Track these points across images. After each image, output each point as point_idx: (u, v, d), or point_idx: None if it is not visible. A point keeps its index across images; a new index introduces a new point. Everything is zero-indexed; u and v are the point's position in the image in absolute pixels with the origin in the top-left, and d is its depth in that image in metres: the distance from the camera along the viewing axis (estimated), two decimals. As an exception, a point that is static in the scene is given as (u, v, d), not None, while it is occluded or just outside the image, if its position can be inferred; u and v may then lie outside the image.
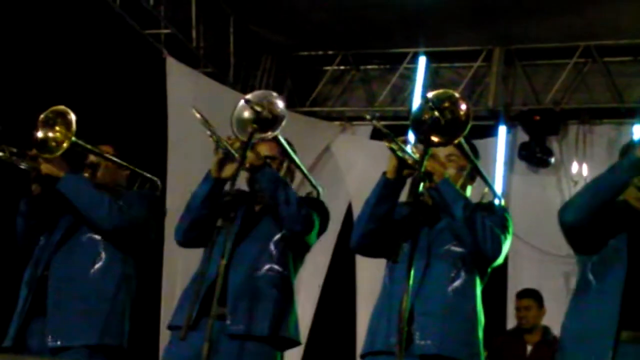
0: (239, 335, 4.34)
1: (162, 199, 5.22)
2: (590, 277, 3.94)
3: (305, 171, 4.94)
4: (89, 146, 4.99)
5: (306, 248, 4.71)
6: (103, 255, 4.90)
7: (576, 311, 4.00)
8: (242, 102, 4.40)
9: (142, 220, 4.97)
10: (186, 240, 4.71)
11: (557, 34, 8.98)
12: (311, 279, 8.63)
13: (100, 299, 4.82)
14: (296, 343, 4.60)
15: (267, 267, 4.49)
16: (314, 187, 4.88)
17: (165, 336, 7.68)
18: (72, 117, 4.80)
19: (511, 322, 8.21)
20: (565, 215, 3.93)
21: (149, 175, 5.24)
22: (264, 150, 4.69)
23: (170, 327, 4.55)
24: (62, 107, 4.86)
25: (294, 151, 4.84)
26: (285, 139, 4.74)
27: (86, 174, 5.03)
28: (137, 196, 5.06)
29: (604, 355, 3.74)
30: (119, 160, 5.11)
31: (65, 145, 4.78)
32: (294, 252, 4.63)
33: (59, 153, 4.79)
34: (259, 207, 4.67)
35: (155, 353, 7.65)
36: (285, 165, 4.78)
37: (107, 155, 5.10)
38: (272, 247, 4.54)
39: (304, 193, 4.89)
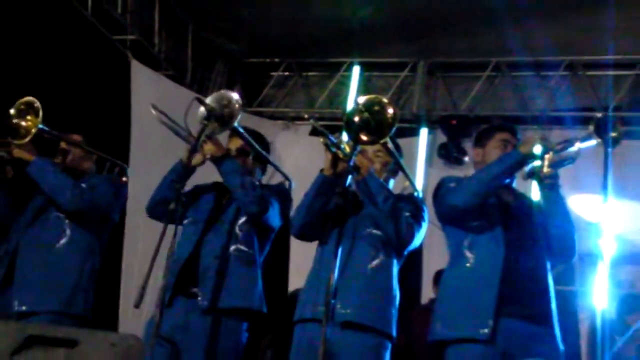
0: (209, 310, 4.35)
1: (125, 185, 5.16)
2: (468, 253, 4.04)
3: (273, 162, 4.95)
4: (55, 133, 4.95)
5: (270, 229, 4.67)
6: (68, 231, 4.88)
7: (455, 283, 4.10)
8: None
9: (104, 202, 4.93)
10: (152, 213, 4.71)
11: (473, 51, 9.06)
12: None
13: (64, 270, 4.81)
14: (261, 314, 4.55)
15: (233, 247, 4.50)
16: (285, 177, 4.88)
17: (125, 309, 7.71)
18: (38, 105, 4.76)
19: (425, 298, 8.30)
20: (455, 199, 4.03)
21: (117, 161, 5.22)
22: (235, 143, 4.72)
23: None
24: (29, 98, 4.82)
25: (266, 147, 4.85)
26: (256, 135, 4.77)
27: (57, 160, 4.99)
28: (101, 179, 5.03)
29: (486, 325, 3.83)
30: (84, 146, 5.08)
31: (33, 130, 4.74)
32: (259, 234, 4.61)
33: (28, 138, 4.76)
34: (228, 196, 4.66)
35: (115, 324, 7.62)
36: (250, 157, 4.76)
37: (73, 141, 5.07)
38: (237, 229, 4.54)
39: (276, 182, 4.92)
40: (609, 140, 3.90)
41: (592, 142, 3.96)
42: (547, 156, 3.95)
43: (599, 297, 7.28)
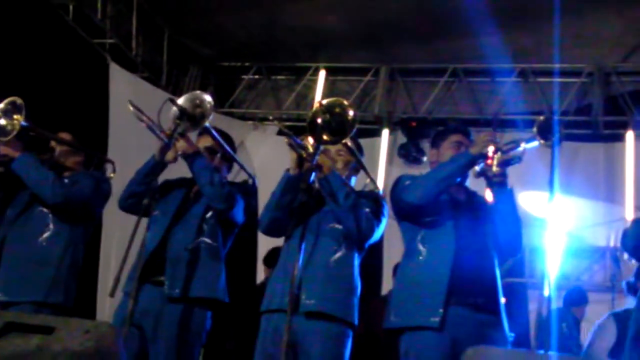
0: (178, 299, 4.32)
1: (108, 181, 5.10)
2: (420, 247, 4.06)
3: (239, 161, 4.92)
4: (40, 129, 4.88)
5: (234, 225, 4.65)
6: (51, 226, 4.80)
7: (409, 276, 4.09)
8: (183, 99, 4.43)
9: (84, 196, 4.85)
10: (123, 205, 4.66)
11: (432, 58, 9.16)
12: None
13: (45, 262, 4.72)
14: (224, 303, 4.53)
15: (200, 240, 4.47)
16: (249, 175, 4.87)
17: (102, 298, 7.68)
18: (21, 103, 4.69)
19: (385, 289, 8.30)
20: (410, 196, 4.05)
21: (105, 157, 5.17)
22: (205, 142, 4.70)
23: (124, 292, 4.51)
24: (13, 98, 4.76)
25: (232, 146, 4.85)
26: (224, 135, 4.76)
27: (45, 157, 4.93)
28: (83, 175, 4.96)
29: (436, 314, 3.85)
30: (69, 143, 5.02)
31: (17, 128, 4.68)
32: (223, 228, 4.59)
33: (12, 135, 4.69)
34: (195, 191, 4.64)
35: (92, 312, 7.59)
36: (218, 155, 4.73)
37: (60, 139, 5.01)
38: (203, 223, 4.52)
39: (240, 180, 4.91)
40: (555, 140, 3.93)
41: (535, 144, 4.00)
42: (495, 156, 3.98)
43: (547, 288, 7.34)
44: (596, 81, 8.98)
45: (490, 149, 3.98)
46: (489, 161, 3.99)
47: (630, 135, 8.76)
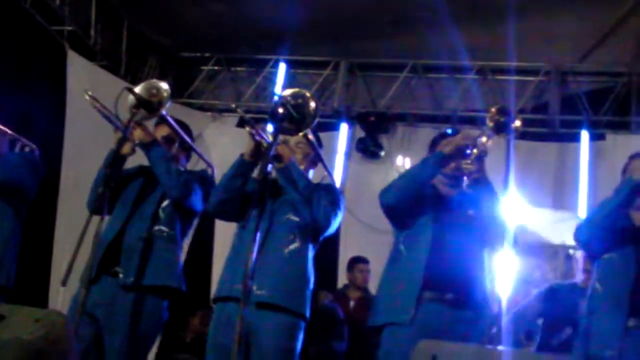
0: (131, 287, 4.25)
1: (41, 163, 5.04)
2: (402, 247, 4.07)
3: (197, 150, 4.88)
4: None
5: (192, 213, 4.60)
6: None
7: (390, 275, 4.10)
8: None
9: (22, 175, 4.81)
10: (93, 209, 4.55)
11: (391, 53, 9.18)
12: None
13: None
14: (180, 292, 4.46)
15: (156, 228, 4.41)
16: (208, 164, 4.83)
17: (55, 287, 7.56)
18: None
19: (341, 283, 8.29)
20: (386, 197, 4.04)
21: (28, 142, 5.09)
22: (162, 131, 4.64)
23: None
24: None
25: (190, 136, 4.79)
26: (182, 125, 4.70)
27: None
28: (16, 156, 4.90)
29: (408, 311, 3.86)
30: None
31: None
32: (181, 217, 4.53)
33: None
34: (153, 180, 4.55)
35: (45, 301, 7.49)
36: (176, 144, 4.68)
37: None
38: (160, 212, 4.46)
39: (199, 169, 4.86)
40: (511, 128, 3.98)
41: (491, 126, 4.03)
42: (473, 152, 3.99)
43: (500, 285, 7.37)
44: (553, 80, 9.07)
45: (464, 147, 3.99)
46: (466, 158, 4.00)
47: (585, 134, 8.85)
